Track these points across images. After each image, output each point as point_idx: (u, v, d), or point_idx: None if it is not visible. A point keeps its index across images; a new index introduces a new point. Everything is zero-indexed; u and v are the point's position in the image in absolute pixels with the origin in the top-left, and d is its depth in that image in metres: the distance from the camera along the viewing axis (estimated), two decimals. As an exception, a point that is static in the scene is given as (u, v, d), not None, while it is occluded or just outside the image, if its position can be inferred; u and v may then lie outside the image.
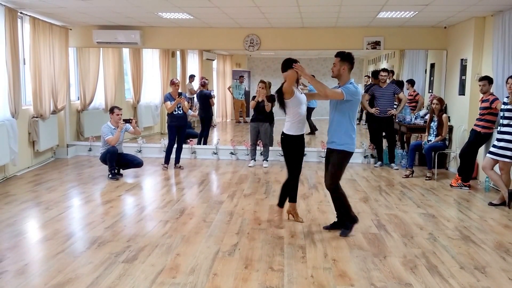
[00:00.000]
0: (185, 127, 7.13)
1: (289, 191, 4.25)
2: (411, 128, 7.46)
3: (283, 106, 4.07)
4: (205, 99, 8.70)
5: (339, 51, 3.88)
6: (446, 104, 7.15)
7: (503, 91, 5.47)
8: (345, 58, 3.84)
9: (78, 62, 8.38)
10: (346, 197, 4.05)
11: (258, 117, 7.24)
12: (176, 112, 6.80)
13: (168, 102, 6.74)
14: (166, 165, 7.01)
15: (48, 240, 3.79)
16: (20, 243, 3.72)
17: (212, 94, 8.95)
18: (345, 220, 4.06)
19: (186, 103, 6.89)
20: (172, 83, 6.84)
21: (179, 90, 6.86)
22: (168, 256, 3.47)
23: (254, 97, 7.32)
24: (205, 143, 8.60)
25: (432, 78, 8.50)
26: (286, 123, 4.12)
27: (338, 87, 3.92)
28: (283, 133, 4.13)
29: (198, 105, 9.01)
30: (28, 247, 3.67)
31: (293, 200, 4.33)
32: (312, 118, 10.90)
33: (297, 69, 3.86)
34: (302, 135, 4.15)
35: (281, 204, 4.29)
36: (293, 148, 4.11)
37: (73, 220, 4.43)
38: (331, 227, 4.17)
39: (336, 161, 3.92)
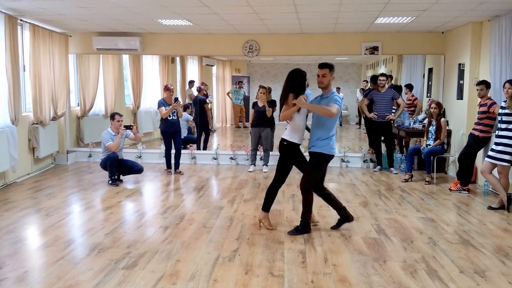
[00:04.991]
0: (179, 132, 7.12)
1: (273, 197, 4.31)
2: (410, 133, 7.48)
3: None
4: (200, 105, 8.76)
5: (324, 62, 4.07)
6: (444, 109, 7.18)
7: (501, 95, 5.50)
8: (333, 68, 4.08)
9: (78, 68, 8.42)
10: (312, 202, 4.21)
11: (259, 122, 7.26)
12: (171, 118, 6.83)
13: (163, 108, 6.76)
14: (169, 170, 7.04)
15: (48, 247, 3.79)
16: (20, 250, 3.73)
17: (208, 99, 8.98)
18: (302, 222, 4.19)
19: (181, 108, 6.92)
20: (167, 89, 6.87)
21: (174, 96, 6.90)
22: (168, 262, 3.48)
23: (254, 103, 7.35)
24: (205, 148, 8.62)
25: (430, 82, 8.54)
26: (289, 131, 4.16)
27: (322, 96, 4.14)
28: (286, 141, 4.14)
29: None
30: (28, 254, 3.67)
31: (267, 209, 4.35)
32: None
33: (297, 103, 3.94)
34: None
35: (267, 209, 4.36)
36: (295, 156, 4.20)
37: (73, 226, 4.43)
38: (338, 225, 4.33)
39: (314, 163, 4.10)
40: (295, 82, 4.10)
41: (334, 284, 3.12)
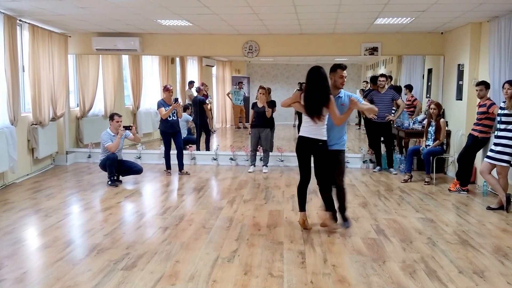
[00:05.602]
0: (179, 132, 7.12)
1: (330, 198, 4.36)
2: (409, 133, 7.48)
3: (321, 115, 4.05)
4: (200, 105, 8.77)
5: (345, 64, 4.30)
6: (443, 109, 7.18)
7: (500, 96, 5.50)
8: None
9: (78, 69, 8.41)
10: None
11: (258, 122, 7.26)
12: (171, 118, 6.83)
13: (163, 108, 6.76)
14: (169, 171, 7.03)
15: (47, 248, 3.79)
16: (18, 251, 3.72)
17: (208, 100, 9.00)
18: (343, 215, 4.42)
19: (181, 109, 6.92)
20: (166, 89, 6.87)
21: (174, 96, 6.90)
22: (167, 263, 3.47)
23: (254, 103, 7.35)
24: (207, 148, 8.64)
25: (429, 83, 8.54)
26: (323, 131, 4.11)
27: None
28: (322, 141, 4.11)
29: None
30: (27, 255, 3.67)
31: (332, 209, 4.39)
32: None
33: (355, 106, 4.17)
34: None
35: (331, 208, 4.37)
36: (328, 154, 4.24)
37: (72, 227, 4.43)
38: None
39: (342, 159, 4.37)
40: (327, 81, 4.09)
41: (333, 285, 3.12)
